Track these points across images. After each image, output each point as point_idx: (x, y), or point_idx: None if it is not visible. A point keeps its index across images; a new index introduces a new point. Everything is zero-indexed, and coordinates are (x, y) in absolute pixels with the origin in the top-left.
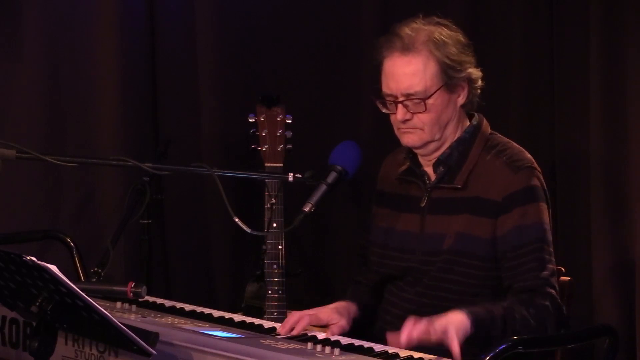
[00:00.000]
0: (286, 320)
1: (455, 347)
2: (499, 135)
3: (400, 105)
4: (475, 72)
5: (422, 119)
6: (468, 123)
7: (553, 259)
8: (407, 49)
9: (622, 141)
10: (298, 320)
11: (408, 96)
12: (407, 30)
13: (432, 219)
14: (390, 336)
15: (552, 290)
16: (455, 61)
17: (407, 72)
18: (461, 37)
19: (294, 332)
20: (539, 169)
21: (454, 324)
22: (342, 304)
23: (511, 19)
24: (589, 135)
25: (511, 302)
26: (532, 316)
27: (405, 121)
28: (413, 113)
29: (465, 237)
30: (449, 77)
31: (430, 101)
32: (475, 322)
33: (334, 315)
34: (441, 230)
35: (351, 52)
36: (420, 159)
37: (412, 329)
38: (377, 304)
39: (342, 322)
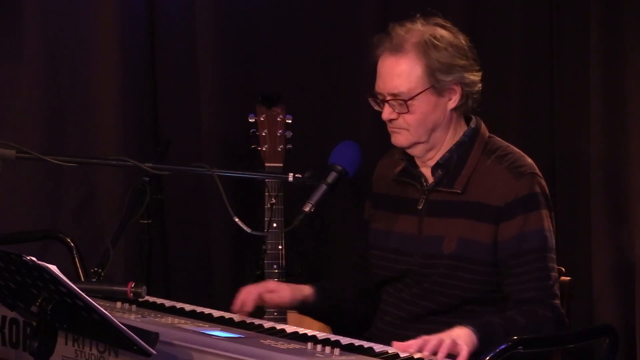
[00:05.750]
0: (236, 297)
1: (464, 356)
2: (497, 138)
3: (386, 105)
4: (471, 76)
5: (406, 119)
6: (465, 126)
7: (555, 266)
8: (396, 49)
9: (622, 142)
10: (247, 294)
11: (394, 96)
12: (399, 31)
13: (430, 222)
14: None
15: (555, 301)
16: (444, 64)
17: (393, 72)
18: (460, 40)
19: (247, 308)
20: (541, 174)
21: (463, 337)
22: (297, 284)
23: (511, 19)
24: (589, 136)
25: (512, 314)
26: (532, 327)
27: (391, 120)
28: (398, 113)
29: (467, 242)
30: (436, 80)
31: (413, 102)
32: (481, 338)
33: (280, 285)
34: (440, 233)
35: (351, 52)
36: (417, 160)
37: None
38: (367, 303)
39: (283, 294)
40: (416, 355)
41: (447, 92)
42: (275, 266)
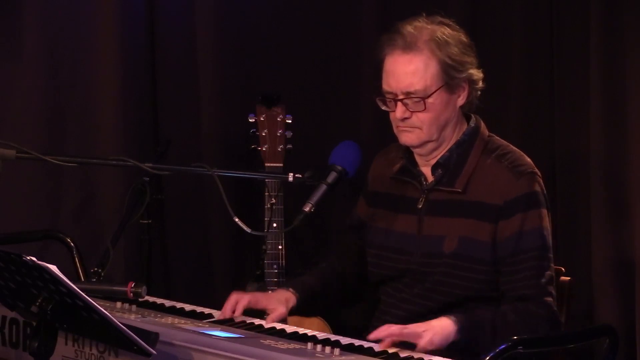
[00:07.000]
0: (225, 304)
1: (422, 345)
2: (497, 137)
3: (399, 104)
4: (477, 73)
5: (421, 118)
6: (466, 125)
7: (552, 265)
8: (409, 47)
9: (622, 141)
10: (237, 301)
11: (408, 94)
12: (409, 29)
13: (430, 221)
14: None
15: (549, 299)
16: (456, 61)
17: (407, 70)
18: (463, 38)
19: (236, 314)
20: (539, 174)
21: (434, 329)
22: (282, 294)
23: (511, 19)
24: (589, 136)
25: (503, 308)
26: (523, 322)
27: (404, 119)
28: (412, 112)
29: (468, 241)
30: (449, 77)
31: (430, 100)
32: (462, 329)
33: (273, 302)
34: (440, 233)
35: (351, 52)
36: (417, 158)
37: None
38: (352, 299)
39: (282, 310)
40: (416, 356)
41: (457, 89)
42: (275, 266)
